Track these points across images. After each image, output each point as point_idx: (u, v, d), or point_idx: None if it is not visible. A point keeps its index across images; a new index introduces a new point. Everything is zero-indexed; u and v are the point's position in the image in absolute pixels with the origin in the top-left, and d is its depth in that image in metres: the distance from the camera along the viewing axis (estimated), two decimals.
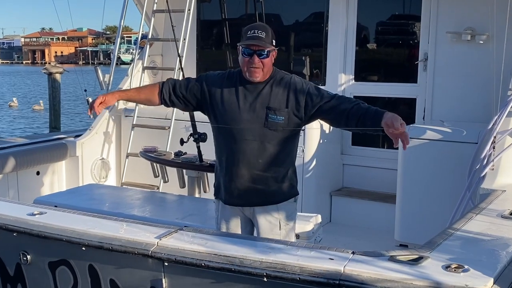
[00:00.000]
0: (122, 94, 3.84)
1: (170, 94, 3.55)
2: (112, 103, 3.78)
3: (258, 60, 3.32)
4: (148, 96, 3.65)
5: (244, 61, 3.35)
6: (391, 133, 3.02)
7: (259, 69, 3.34)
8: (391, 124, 3.01)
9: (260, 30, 3.35)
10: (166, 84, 3.58)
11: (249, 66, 3.34)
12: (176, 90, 3.54)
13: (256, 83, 3.39)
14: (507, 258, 2.61)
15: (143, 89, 4.01)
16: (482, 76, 5.53)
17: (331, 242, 3.27)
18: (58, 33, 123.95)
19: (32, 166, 6.00)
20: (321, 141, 5.93)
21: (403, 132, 2.99)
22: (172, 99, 3.56)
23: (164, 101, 3.59)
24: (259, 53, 3.32)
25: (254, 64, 3.32)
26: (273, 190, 3.45)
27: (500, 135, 4.37)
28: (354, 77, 6.50)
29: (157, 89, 3.59)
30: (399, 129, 2.98)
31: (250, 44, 3.32)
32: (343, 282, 2.39)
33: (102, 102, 3.53)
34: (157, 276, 2.82)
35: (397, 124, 2.99)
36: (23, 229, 3.12)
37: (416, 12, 6.21)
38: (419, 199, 5.16)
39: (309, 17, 6.99)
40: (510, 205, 3.56)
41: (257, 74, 3.35)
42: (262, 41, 3.32)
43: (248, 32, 3.34)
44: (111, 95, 3.69)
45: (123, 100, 4.54)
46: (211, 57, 7.48)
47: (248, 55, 3.33)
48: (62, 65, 21.92)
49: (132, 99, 3.97)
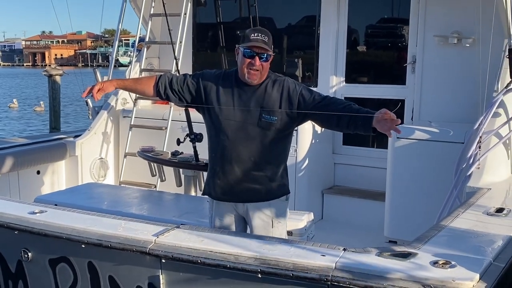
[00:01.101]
0: (120, 82, 3.81)
1: (166, 87, 3.55)
2: (110, 90, 3.77)
3: (259, 63, 3.33)
4: (143, 87, 3.66)
5: (245, 62, 3.34)
6: (382, 127, 3.02)
7: (258, 72, 3.35)
8: (383, 115, 3.01)
9: (263, 34, 3.36)
10: (163, 77, 3.58)
11: (249, 68, 3.34)
12: (173, 85, 3.54)
13: (251, 84, 3.39)
14: (493, 254, 2.62)
15: (140, 80, 4.08)
16: (468, 78, 5.55)
17: (323, 239, 3.26)
18: (58, 36, 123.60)
19: (32, 166, 5.98)
20: (313, 141, 5.93)
21: (394, 120, 2.99)
22: (167, 93, 3.56)
23: (159, 94, 3.59)
24: (261, 55, 3.33)
25: (255, 66, 3.33)
26: (265, 188, 3.45)
27: (485, 135, 4.38)
28: (345, 79, 6.51)
29: (153, 81, 3.59)
30: (391, 115, 2.98)
31: (253, 45, 3.32)
32: (334, 277, 2.40)
33: (100, 88, 3.52)
34: (154, 272, 2.82)
35: (388, 112, 3.00)
36: (24, 227, 3.12)
37: (405, 16, 6.22)
38: (407, 197, 5.17)
39: (302, 20, 6.99)
40: (496, 202, 3.58)
41: (255, 76, 3.36)
42: (265, 45, 3.33)
43: (251, 35, 3.34)
44: (109, 82, 3.70)
45: (120, 89, 4.50)
46: (207, 59, 7.47)
47: (249, 56, 3.33)
48: (62, 67, 21.82)
49: (129, 88, 3.98)
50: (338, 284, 2.40)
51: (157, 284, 2.84)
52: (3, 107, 31.66)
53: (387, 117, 2.99)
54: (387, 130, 3.03)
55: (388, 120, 3.00)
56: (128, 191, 5.27)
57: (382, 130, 3.05)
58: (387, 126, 3.01)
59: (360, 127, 3.21)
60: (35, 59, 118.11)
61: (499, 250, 2.70)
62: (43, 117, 25.13)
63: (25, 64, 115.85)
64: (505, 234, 2.92)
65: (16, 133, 20.33)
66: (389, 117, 2.99)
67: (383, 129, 3.04)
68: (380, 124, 3.04)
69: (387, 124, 3.01)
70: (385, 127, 3.02)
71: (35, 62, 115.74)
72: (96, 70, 6.65)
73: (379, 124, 3.04)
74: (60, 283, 3.15)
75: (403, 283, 2.31)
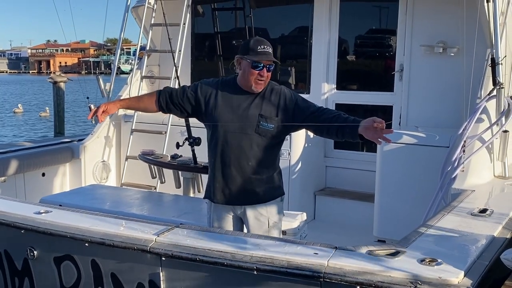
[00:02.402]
0: (123, 103, 3.82)
1: (167, 102, 3.54)
2: (113, 112, 3.76)
3: (267, 74, 3.34)
4: (146, 105, 3.64)
5: (254, 74, 3.33)
6: (372, 136, 3.03)
7: (264, 82, 3.37)
8: (372, 122, 2.99)
9: (268, 46, 3.37)
10: (163, 92, 3.57)
11: (257, 79, 3.34)
12: (173, 98, 3.53)
13: (250, 92, 3.40)
14: (477, 253, 2.64)
15: (141, 98, 4.01)
16: (453, 86, 5.56)
17: (315, 238, 3.26)
18: (63, 45, 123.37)
19: (38, 168, 5.97)
20: (306, 145, 5.94)
21: (384, 130, 2.97)
22: (169, 107, 3.55)
23: (161, 109, 3.58)
24: (268, 67, 3.34)
25: (264, 77, 3.34)
26: (262, 191, 3.45)
27: (469, 140, 4.40)
28: (336, 86, 6.51)
29: (155, 97, 3.57)
30: (380, 122, 2.97)
31: (263, 59, 3.32)
32: (327, 275, 2.40)
33: (104, 110, 3.52)
34: (155, 270, 2.82)
35: (377, 120, 2.99)
36: (30, 227, 3.11)
37: (393, 27, 6.23)
38: (395, 198, 5.17)
39: (295, 31, 7.00)
40: (479, 203, 3.59)
41: (262, 86, 3.38)
42: (271, 57, 3.35)
43: (258, 47, 3.33)
44: (113, 104, 3.67)
45: (124, 108, 4.54)
46: (204, 67, 7.47)
47: (259, 68, 3.32)
48: (66, 75, 21.79)
49: (132, 107, 3.96)
50: (330, 281, 2.40)
51: (157, 281, 2.83)
52: (9, 112, 31.56)
53: (376, 126, 2.99)
54: (375, 138, 3.02)
55: (378, 129, 2.99)
56: (129, 192, 5.26)
57: (370, 138, 3.04)
58: (377, 135, 3.01)
59: (348, 135, 3.21)
60: (40, 66, 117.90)
61: (482, 248, 2.71)
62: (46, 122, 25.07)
63: (31, 72, 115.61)
64: (488, 234, 2.94)
65: (21, 138, 20.24)
66: (378, 126, 2.98)
67: (372, 137, 3.03)
68: (368, 132, 3.03)
69: (377, 133, 3.00)
70: (375, 135, 3.01)
71: (41, 69, 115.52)
72: (99, 77, 6.64)
73: (367, 132, 3.03)
74: (65, 280, 3.14)
75: (392, 280, 2.32)
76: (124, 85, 6.81)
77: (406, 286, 2.28)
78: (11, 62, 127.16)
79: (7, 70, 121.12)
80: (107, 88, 6.58)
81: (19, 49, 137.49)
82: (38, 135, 21.25)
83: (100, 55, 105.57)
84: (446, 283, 2.28)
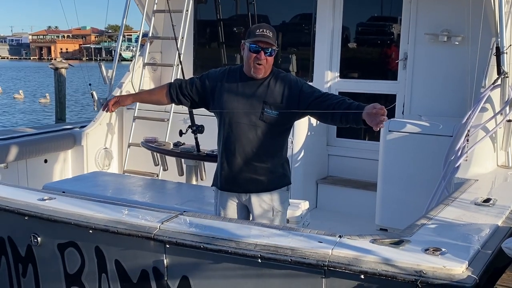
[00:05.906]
0: (136, 97, 4.00)
1: (178, 93, 3.60)
2: (126, 104, 3.86)
3: (264, 57, 3.32)
4: (158, 97, 3.72)
5: (251, 57, 3.34)
6: (371, 121, 3.00)
7: (263, 66, 3.34)
8: (373, 108, 2.99)
9: (268, 29, 3.36)
10: (173, 84, 3.65)
11: (255, 62, 3.33)
12: (183, 89, 3.59)
13: (255, 79, 3.39)
14: (480, 242, 2.63)
15: (153, 91, 4.10)
16: (457, 75, 5.54)
17: (318, 226, 3.26)
18: (64, 31, 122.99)
19: (40, 155, 5.97)
20: (309, 133, 5.93)
21: (384, 116, 2.96)
22: (179, 98, 3.61)
23: (172, 100, 3.66)
24: (266, 50, 3.32)
25: (260, 60, 3.32)
26: (267, 179, 3.44)
27: (473, 129, 4.38)
28: (339, 74, 6.50)
29: (165, 89, 3.65)
30: (380, 109, 2.95)
31: (259, 40, 3.31)
32: (331, 263, 2.40)
33: (116, 101, 3.62)
34: (158, 257, 2.82)
35: (377, 107, 2.98)
36: (33, 213, 3.11)
37: (397, 14, 6.20)
38: (398, 187, 5.17)
39: (299, 18, 6.97)
40: (483, 193, 3.58)
41: (261, 71, 3.36)
42: (269, 39, 3.32)
43: (257, 31, 3.34)
44: (126, 97, 3.84)
45: (136, 102, 4.68)
46: (207, 54, 7.45)
47: (255, 51, 3.32)
48: (67, 61, 21.72)
49: (144, 100, 4.09)
50: (334, 269, 2.40)
51: (161, 268, 2.84)
52: (10, 98, 31.47)
53: (375, 111, 2.98)
54: (374, 124, 3.01)
55: (378, 114, 2.98)
56: (132, 179, 5.27)
57: (369, 123, 3.04)
58: (376, 121, 3.00)
59: (352, 121, 3.20)
60: (41, 53, 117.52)
61: (486, 238, 2.71)
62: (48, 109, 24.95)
63: (32, 58, 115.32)
64: (491, 223, 2.94)
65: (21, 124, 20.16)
66: (378, 111, 2.97)
67: (371, 123, 3.02)
68: (369, 117, 3.02)
69: (376, 119, 2.99)
70: (373, 121, 3.00)
71: (41, 55, 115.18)
72: (101, 64, 6.62)
73: (369, 117, 3.03)
74: (68, 267, 3.15)
75: (397, 269, 2.32)
76: (126, 72, 6.80)
77: (411, 275, 2.28)
78: (12, 48, 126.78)
79: (8, 56, 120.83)
80: (109, 75, 6.57)
81: (20, 35, 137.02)
82: (32, 122, 20.95)
83: (101, 42, 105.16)
84: (450, 272, 2.29)
